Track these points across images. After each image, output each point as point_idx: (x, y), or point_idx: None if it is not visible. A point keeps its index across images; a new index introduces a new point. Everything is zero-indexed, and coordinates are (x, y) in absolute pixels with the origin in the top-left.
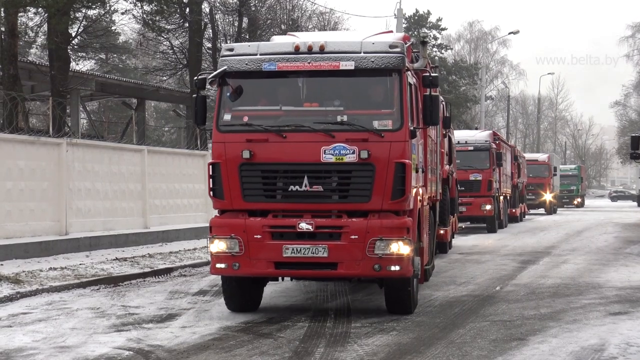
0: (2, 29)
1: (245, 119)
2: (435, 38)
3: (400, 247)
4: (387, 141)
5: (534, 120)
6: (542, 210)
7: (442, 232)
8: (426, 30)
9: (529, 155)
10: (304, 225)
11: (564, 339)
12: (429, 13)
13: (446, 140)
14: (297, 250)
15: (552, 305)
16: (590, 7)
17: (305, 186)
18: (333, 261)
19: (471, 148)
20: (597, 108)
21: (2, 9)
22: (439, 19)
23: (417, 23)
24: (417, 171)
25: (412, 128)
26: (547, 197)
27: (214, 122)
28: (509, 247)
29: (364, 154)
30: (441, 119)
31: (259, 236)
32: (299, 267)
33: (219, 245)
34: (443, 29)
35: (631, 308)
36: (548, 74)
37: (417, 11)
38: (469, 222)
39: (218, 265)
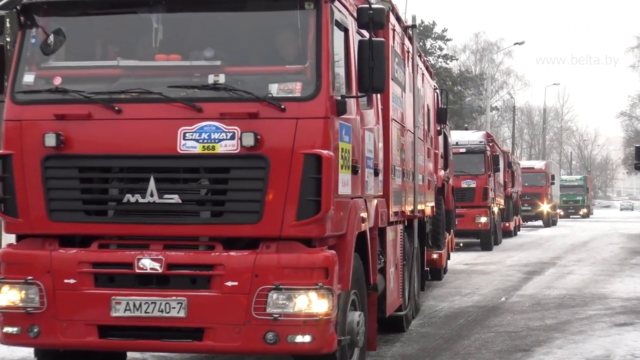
0: None
1: (57, 80)
2: (441, 49)
3: (312, 303)
4: (290, 117)
5: (539, 131)
6: (539, 222)
7: (435, 256)
8: (432, 41)
9: (524, 163)
10: (147, 263)
11: (569, 350)
12: (434, 24)
13: (441, 138)
14: (135, 306)
15: (557, 316)
16: (596, 18)
17: (152, 195)
18: (196, 325)
19: (463, 150)
20: (603, 118)
21: None
22: (445, 30)
23: (422, 34)
24: (355, 171)
25: (338, 97)
26: (545, 207)
27: (9, 88)
28: (514, 257)
29: (249, 140)
30: (434, 110)
31: (72, 281)
32: (138, 334)
33: (8, 296)
34: (448, 40)
35: (637, 319)
36: (553, 84)
37: (422, 22)
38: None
39: (7, 330)
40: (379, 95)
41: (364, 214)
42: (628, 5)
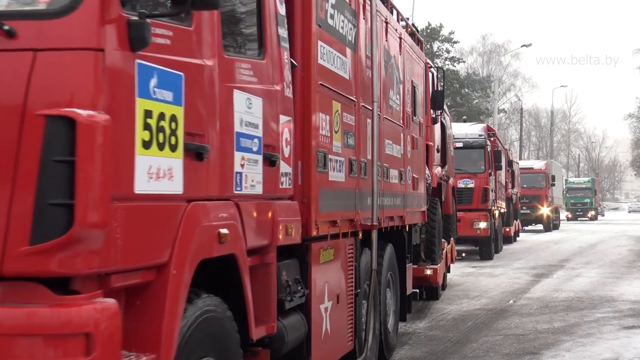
0: None
1: None
2: (448, 51)
3: None
4: (22, 49)
5: (547, 133)
6: (539, 227)
7: (428, 272)
8: (439, 43)
9: (523, 163)
10: None
11: (578, 353)
12: (441, 26)
13: (437, 128)
14: None
15: (565, 319)
16: (603, 20)
17: None
18: None
19: (460, 145)
20: (610, 120)
21: None
22: (452, 32)
23: (429, 36)
24: (198, 155)
25: (134, 15)
26: (545, 211)
27: None
28: (522, 260)
29: None
30: (427, 91)
31: None
32: None
33: None
34: (455, 42)
35: None
36: (561, 86)
37: (429, 24)
38: None
39: None
40: (281, 41)
41: (223, 229)
42: (634, 7)
